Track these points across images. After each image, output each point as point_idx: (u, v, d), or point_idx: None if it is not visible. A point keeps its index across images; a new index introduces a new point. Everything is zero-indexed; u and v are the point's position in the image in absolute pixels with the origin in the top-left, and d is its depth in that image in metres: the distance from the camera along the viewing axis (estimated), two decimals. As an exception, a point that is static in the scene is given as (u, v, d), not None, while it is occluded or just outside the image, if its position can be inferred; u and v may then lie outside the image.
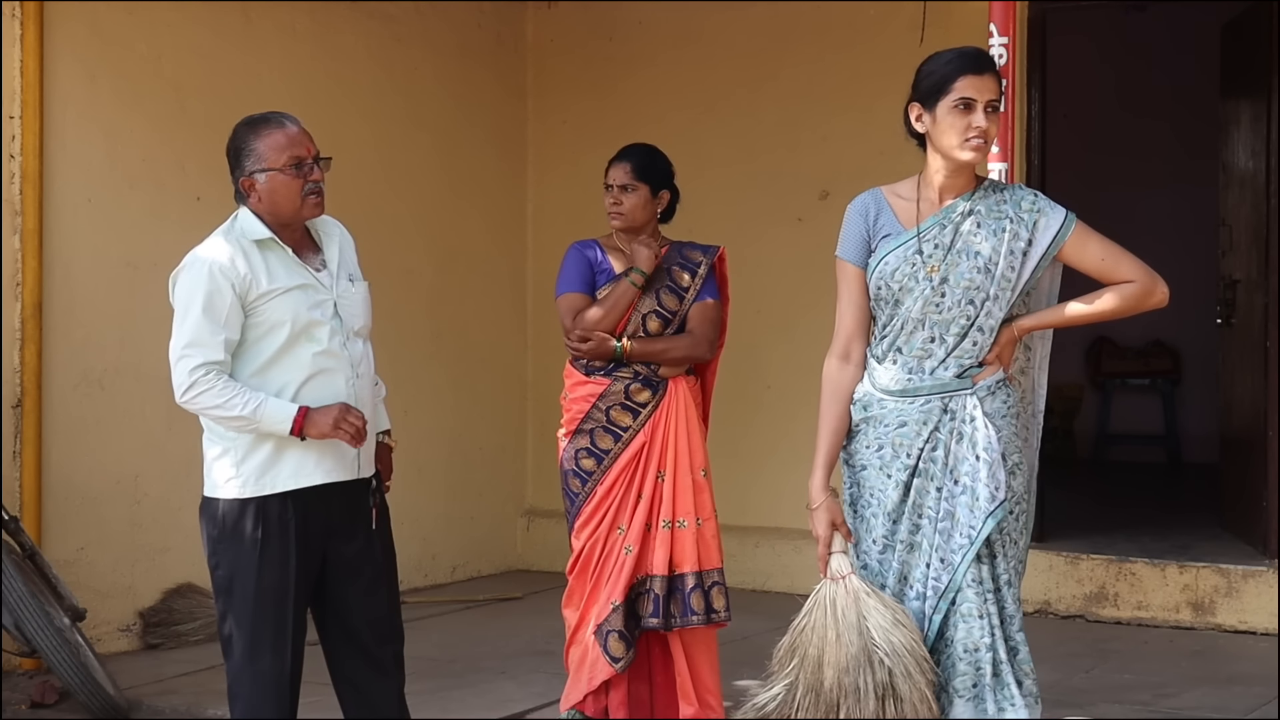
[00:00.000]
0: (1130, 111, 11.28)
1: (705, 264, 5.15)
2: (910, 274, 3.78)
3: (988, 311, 3.78)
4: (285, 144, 4.06)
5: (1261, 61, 7.29)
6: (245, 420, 3.97)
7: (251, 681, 4.07)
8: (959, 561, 3.72)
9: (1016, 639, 3.78)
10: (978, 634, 3.72)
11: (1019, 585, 3.85)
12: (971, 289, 3.76)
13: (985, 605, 3.72)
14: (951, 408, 3.77)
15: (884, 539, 3.82)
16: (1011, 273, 3.79)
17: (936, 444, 3.77)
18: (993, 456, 3.71)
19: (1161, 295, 3.84)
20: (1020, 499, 3.83)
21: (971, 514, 3.71)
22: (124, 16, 6.57)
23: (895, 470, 3.79)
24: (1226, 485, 8.16)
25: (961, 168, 3.80)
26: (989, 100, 3.75)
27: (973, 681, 3.72)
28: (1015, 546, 3.82)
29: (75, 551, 6.37)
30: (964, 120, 3.74)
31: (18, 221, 6.20)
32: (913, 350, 3.80)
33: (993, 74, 3.79)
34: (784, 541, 7.59)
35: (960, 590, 3.72)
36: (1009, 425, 3.81)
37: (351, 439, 4.02)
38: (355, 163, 7.10)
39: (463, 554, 8.21)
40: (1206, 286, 8.69)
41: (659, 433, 5.05)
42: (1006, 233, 3.78)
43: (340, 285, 4.18)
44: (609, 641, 4.98)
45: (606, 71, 8.38)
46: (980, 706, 3.71)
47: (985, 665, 3.71)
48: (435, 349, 8.03)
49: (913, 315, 3.78)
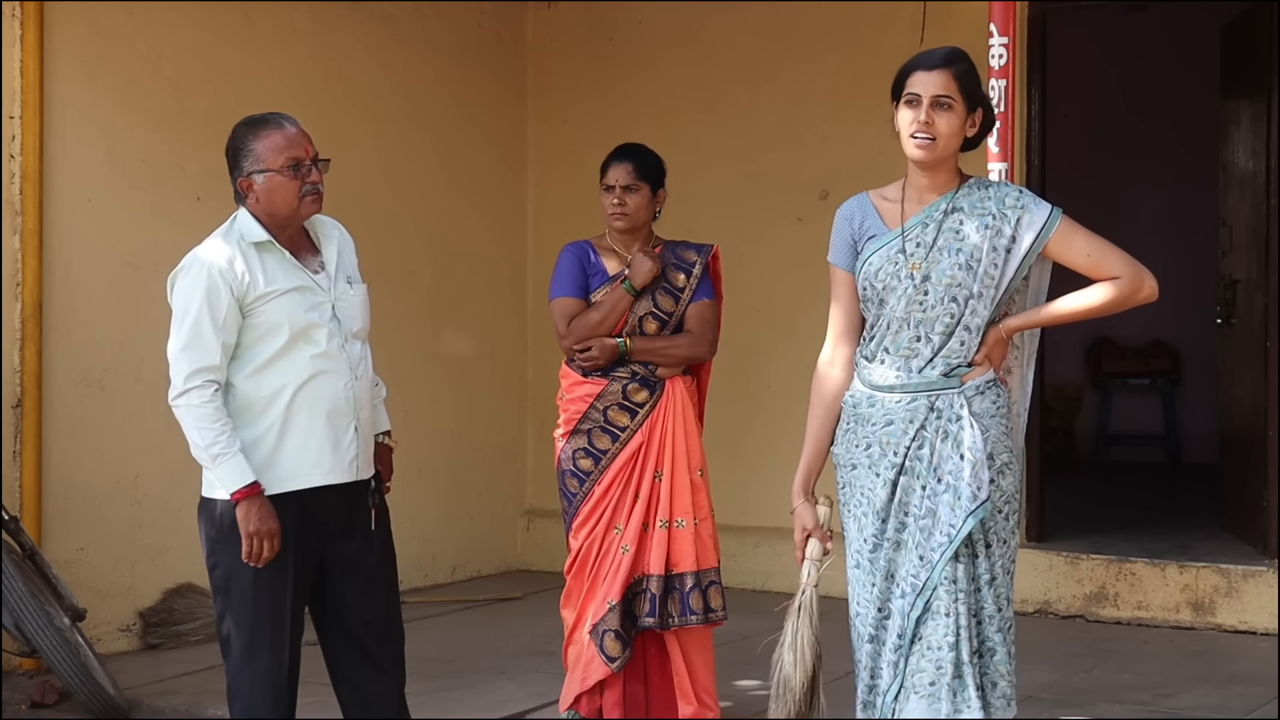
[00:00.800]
0: (1130, 111, 11.28)
1: (700, 264, 5.16)
2: (893, 273, 3.80)
3: (972, 310, 3.78)
4: (283, 145, 4.06)
5: (1261, 61, 7.29)
6: (206, 455, 3.97)
7: (250, 681, 4.08)
8: (937, 560, 3.73)
9: (995, 640, 3.78)
10: (941, 632, 3.73)
11: (1009, 585, 3.84)
12: (954, 286, 3.76)
13: (954, 604, 3.73)
14: (938, 406, 3.77)
15: (874, 537, 3.83)
16: (995, 270, 3.78)
17: (923, 443, 3.77)
18: (977, 456, 3.71)
19: (1150, 290, 3.83)
20: (1010, 498, 3.83)
21: (952, 512, 3.72)
22: (124, 16, 6.57)
23: (883, 469, 3.81)
24: (1226, 485, 8.16)
25: (925, 165, 3.80)
26: (935, 96, 3.74)
27: (930, 679, 3.73)
28: (1005, 546, 3.82)
29: (75, 551, 6.37)
30: (910, 115, 3.77)
31: (18, 221, 6.20)
32: (900, 349, 3.81)
33: (947, 70, 3.76)
34: (784, 541, 7.54)
35: (935, 589, 3.73)
36: (998, 425, 3.81)
37: (247, 553, 3.97)
38: (355, 163, 7.10)
39: (463, 554, 8.21)
40: (1206, 286, 8.70)
41: (656, 432, 5.06)
42: (989, 229, 3.78)
43: (339, 287, 4.18)
44: (605, 641, 4.98)
45: (606, 71, 8.38)
46: (934, 705, 3.72)
47: (946, 664, 3.72)
48: (435, 349, 8.03)
49: (897, 314, 3.80)
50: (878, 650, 3.83)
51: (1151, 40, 10.97)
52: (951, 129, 3.77)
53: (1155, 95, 11.18)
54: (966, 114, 3.81)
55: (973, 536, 3.74)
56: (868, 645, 3.84)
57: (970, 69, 3.84)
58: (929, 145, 3.76)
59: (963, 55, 3.85)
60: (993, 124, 3.96)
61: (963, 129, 3.81)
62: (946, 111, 3.76)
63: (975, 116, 3.84)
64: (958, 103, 3.77)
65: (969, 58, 3.87)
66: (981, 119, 3.86)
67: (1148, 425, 11.52)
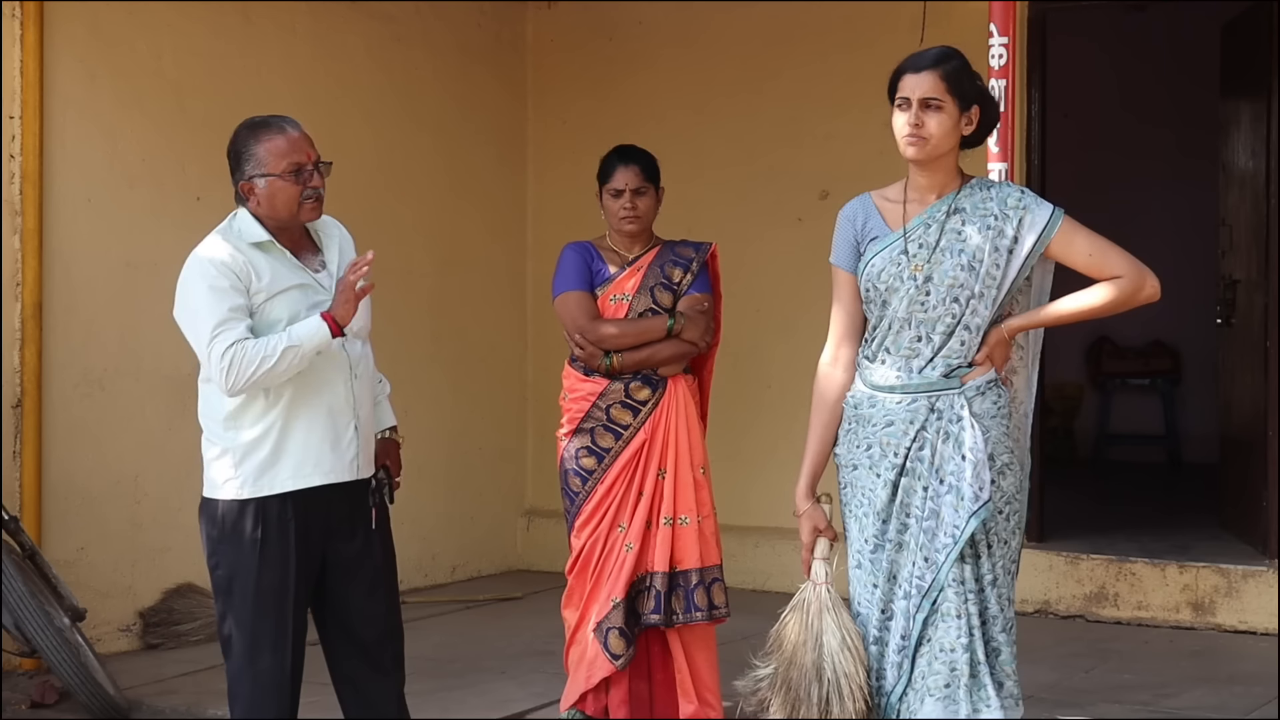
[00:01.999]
0: (1130, 111, 11.27)
1: (697, 261, 5.18)
2: (896, 274, 3.81)
3: (973, 310, 3.78)
4: (285, 149, 4.05)
5: (1261, 61, 7.29)
6: (291, 351, 3.93)
7: (251, 681, 4.08)
8: (942, 561, 3.73)
9: (999, 640, 3.78)
10: (954, 634, 3.73)
11: (1010, 586, 3.84)
12: (956, 286, 3.77)
13: (965, 605, 3.73)
14: (939, 407, 3.78)
15: (874, 538, 3.83)
16: (997, 270, 3.78)
17: (924, 444, 3.78)
18: (978, 457, 3.71)
19: (1152, 289, 3.83)
20: (1011, 499, 3.83)
21: (956, 513, 3.72)
22: (124, 16, 6.57)
23: (884, 470, 3.81)
24: (1226, 485, 8.16)
25: (920, 163, 3.82)
26: (923, 97, 3.76)
27: (945, 681, 3.73)
28: (1006, 546, 3.82)
29: (75, 551, 6.37)
30: (902, 118, 3.79)
31: (18, 221, 6.20)
32: (900, 350, 3.81)
33: (934, 72, 3.77)
34: (784, 541, 7.58)
35: (942, 590, 3.73)
36: (998, 426, 3.80)
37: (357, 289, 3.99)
38: (355, 163, 7.09)
39: (463, 554, 8.21)
40: (1206, 286, 8.69)
41: (659, 430, 5.06)
42: (991, 230, 3.78)
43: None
44: (609, 639, 4.99)
45: (606, 71, 8.38)
46: (952, 707, 3.72)
47: (961, 666, 3.72)
48: (435, 349, 8.03)
49: (899, 315, 3.81)
50: (881, 652, 3.83)
51: (1151, 41, 10.97)
52: (943, 129, 3.78)
53: (1155, 95, 11.18)
54: (960, 112, 3.81)
55: (975, 537, 3.75)
56: (872, 647, 3.84)
57: (960, 68, 3.82)
58: (920, 144, 3.78)
59: (952, 55, 3.85)
60: (996, 119, 3.95)
61: (956, 127, 3.81)
62: (936, 112, 3.78)
63: (971, 114, 3.83)
64: (947, 102, 3.78)
65: (960, 56, 3.86)
66: (980, 115, 3.85)
67: (1148, 425, 11.52)
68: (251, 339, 3.94)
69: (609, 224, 5.20)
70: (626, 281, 5.13)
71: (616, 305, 5.12)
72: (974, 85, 3.86)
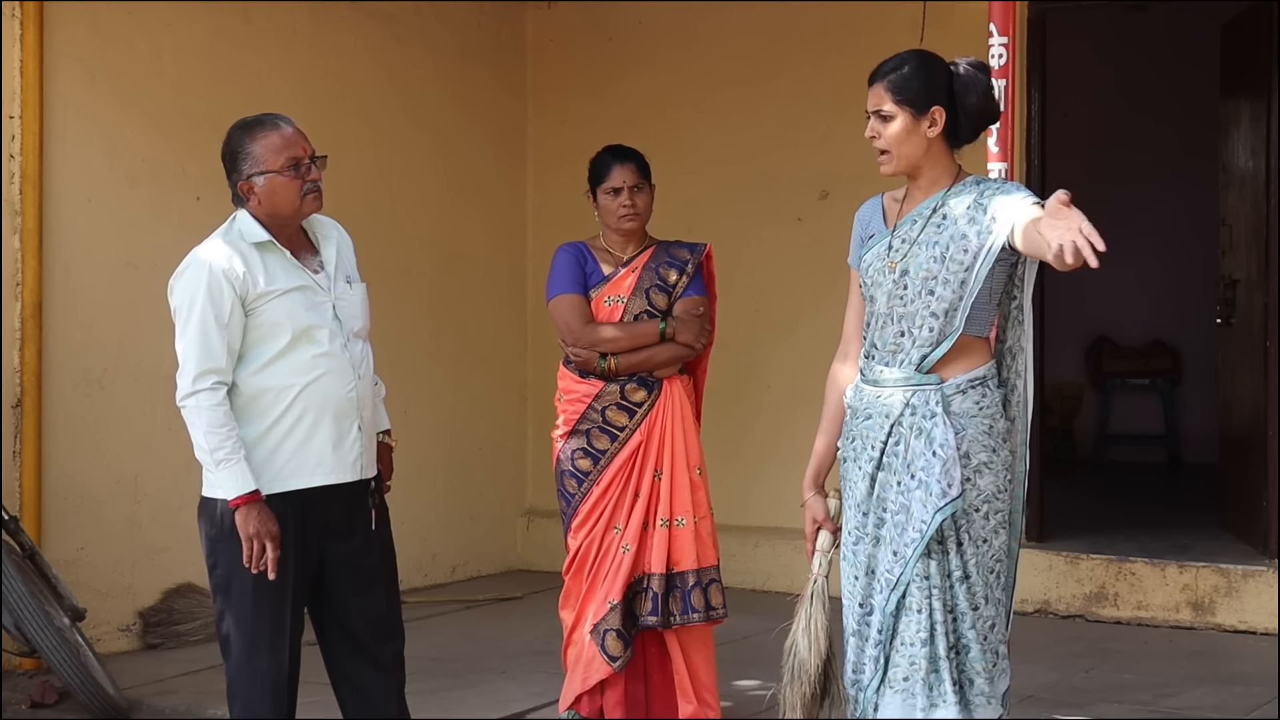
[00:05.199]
0: (1130, 111, 11.27)
1: (692, 262, 5.19)
2: (880, 269, 3.86)
3: (940, 296, 3.76)
4: (281, 145, 4.06)
5: (1261, 61, 7.29)
6: (210, 458, 3.97)
7: (250, 681, 4.08)
8: (909, 555, 3.75)
9: (968, 636, 3.77)
10: (914, 629, 3.75)
11: (990, 585, 3.80)
12: (930, 279, 3.78)
13: (928, 601, 3.74)
14: (914, 403, 3.78)
15: (856, 530, 3.88)
16: (964, 255, 3.75)
17: (899, 438, 3.79)
18: (948, 454, 3.72)
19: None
20: (990, 499, 3.79)
21: (924, 508, 3.73)
22: (124, 16, 6.57)
23: (863, 463, 3.86)
24: (1226, 485, 8.16)
25: (891, 175, 3.88)
26: (873, 110, 3.83)
27: (904, 675, 3.76)
28: (986, 545, 3.79)
29: (75, 551, 6.37)
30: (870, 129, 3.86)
31: (18, 221, 6.20)
32: (886, 345, 3.85)
33: (880, 83, 3.81)
34: (784, 541, 7.59)
35: (908, 584, 3.76)
36: (976, 425, 3.78)
37: (247, 556, 3.95)
38: (355, 163, 7.12)
39: (463, 554, 8.21)
40: (1206, 286, 8.69)
41: (655, 432, 5.07)
42: (963, 218, 3.77)
43: (338, 287, 4.18)
44: (606, 640, 4.99)
45: (606, 71, 8.38)
46: (910, 701, 3.74)
47: (920, 660, 3.74)
48: (435, 349, 8.03)
49: (882, 310, 3.85)
50: (861, 645, 3.86)
51: (1151, 40, 10.97)
52: (897, 139, 3.81)
53: (1155, 95, 11.18)
54: (915, 117, 3.80)
55: (945, 533, 3.75)
56: (852, 640, 3.88)
57: (909, 74, 3.79)
58: (884, 158, 3.84)
59: (903, 61, 3.83)
60: (981, 112, 3.87)
61: (916, 133, 3.80)
62: (888, 122, 3.82)
63: (933, 114, 3.80)
64: (897, 112, 3.79)
65: (914, 59, 3.83)
66: (948, 113, 3.80)
67: (1148, 425, 11.51)
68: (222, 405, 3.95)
69: (605, 223, 5.20)
70: (621, 283, 5.14)
71: (611, 307, 5.12)
72: (932, 86, 3.81)
